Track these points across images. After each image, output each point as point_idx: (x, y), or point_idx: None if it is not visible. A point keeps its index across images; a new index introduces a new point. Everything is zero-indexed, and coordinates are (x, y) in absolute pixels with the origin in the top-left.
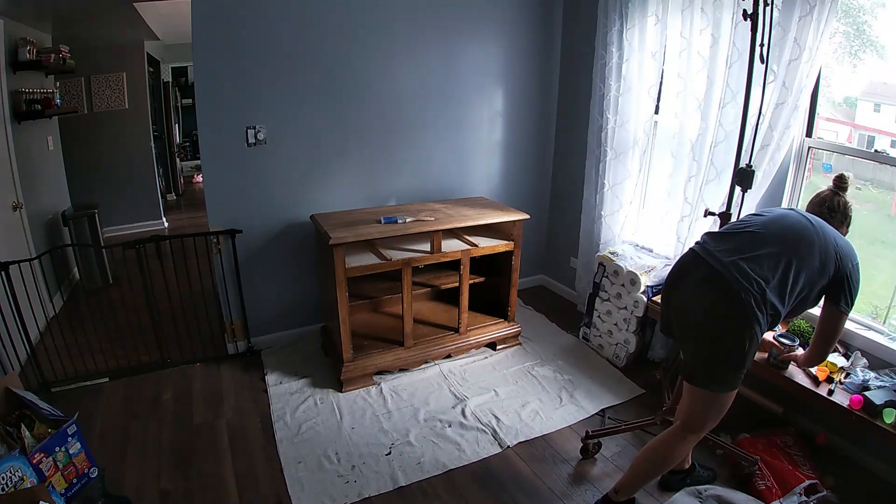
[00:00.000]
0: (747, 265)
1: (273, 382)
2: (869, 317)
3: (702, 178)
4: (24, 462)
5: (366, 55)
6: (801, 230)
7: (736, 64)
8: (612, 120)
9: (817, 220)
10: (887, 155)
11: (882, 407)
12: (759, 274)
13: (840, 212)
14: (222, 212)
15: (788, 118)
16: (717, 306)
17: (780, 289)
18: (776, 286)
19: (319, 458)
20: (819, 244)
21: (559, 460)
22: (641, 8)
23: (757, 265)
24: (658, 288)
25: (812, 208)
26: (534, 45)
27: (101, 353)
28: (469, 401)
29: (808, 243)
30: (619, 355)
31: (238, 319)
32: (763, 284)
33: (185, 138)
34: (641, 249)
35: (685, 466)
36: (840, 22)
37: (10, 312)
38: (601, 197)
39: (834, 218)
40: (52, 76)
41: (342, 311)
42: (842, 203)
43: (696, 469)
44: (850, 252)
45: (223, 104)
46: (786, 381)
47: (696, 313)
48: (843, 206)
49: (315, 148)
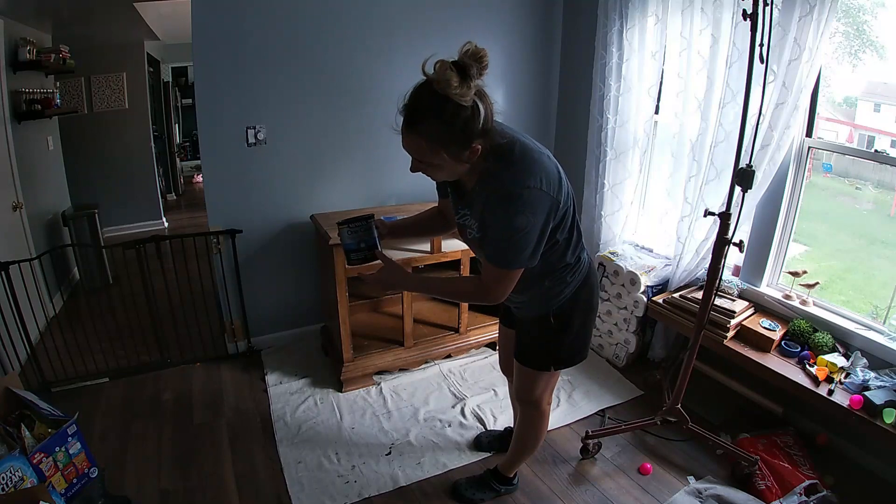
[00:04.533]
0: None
1: (273, 382)
2: (869, 317)
3: (702, 178)
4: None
5: (366, 55)
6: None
7: (736, 64)
8: (612, 120)
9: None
10: (887, 155)
11: (882, 407)
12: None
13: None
14: (222, 212)
15: (788, 118)
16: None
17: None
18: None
19: (319, 458)
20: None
21: (559, 460)
22: (641, 8)
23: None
24: (658, 288)
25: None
26: (534, 44)
27: (101, 353)
28: (469, 400)
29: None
30: (619, 355)
31: (238, 319)
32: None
33: (185, 138)
34: (641, 249)
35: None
36: (840, 22)
37: (10, 312)
38: (601, 197)
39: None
40: (52, 76)
41: (342, 311)
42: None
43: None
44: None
45: (223, 104)
46: (786, 381)
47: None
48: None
49: (315, 148)
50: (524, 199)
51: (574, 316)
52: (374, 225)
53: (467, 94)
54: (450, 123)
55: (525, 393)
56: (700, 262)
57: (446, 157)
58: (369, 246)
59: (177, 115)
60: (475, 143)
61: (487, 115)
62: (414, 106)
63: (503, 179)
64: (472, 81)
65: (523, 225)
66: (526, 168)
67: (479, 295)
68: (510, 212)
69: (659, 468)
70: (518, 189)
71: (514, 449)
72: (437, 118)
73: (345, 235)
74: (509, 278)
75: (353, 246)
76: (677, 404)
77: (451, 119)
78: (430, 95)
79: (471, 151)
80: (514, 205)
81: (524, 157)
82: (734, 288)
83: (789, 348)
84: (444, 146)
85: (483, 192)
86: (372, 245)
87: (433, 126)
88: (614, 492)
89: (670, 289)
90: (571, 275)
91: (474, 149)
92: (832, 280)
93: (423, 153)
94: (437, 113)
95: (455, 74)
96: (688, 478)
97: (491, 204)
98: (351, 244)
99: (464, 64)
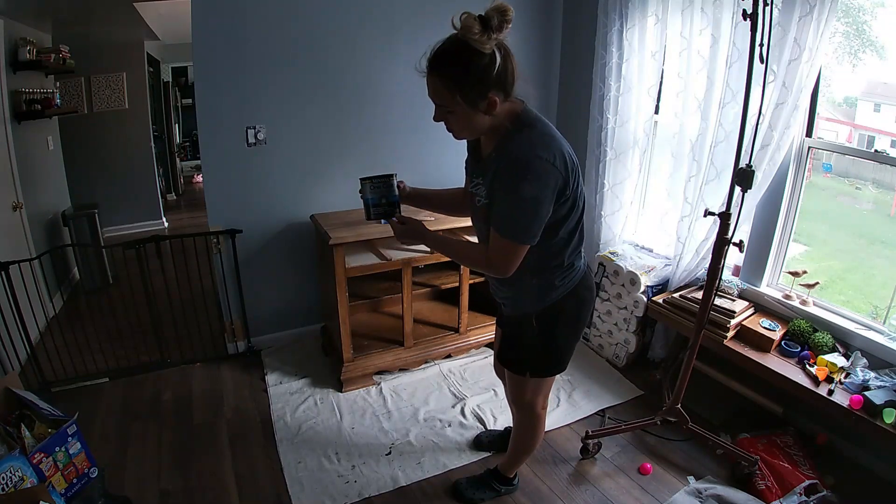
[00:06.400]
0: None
1: (273, 382)
2: (869, 317)
3: (702, 178)
4: (24, 462)
5: (366, 55)
6: None
7: (736, 64)
8: (611, 120)
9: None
10: (887, 155)
11: (882, 407)
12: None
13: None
14: (222, 212)
15: (788, 118)
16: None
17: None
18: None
19: (319, 458)
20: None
21: (559, 460)
22: (641, 8)
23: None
24: (658, 288)
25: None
26: (533, 44)
27: (101, 353)
28: (468, 400)
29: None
30: (619, 355)
31: (238, 319)
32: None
33: (185, 138)
34: (641, 249)
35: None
36: (840, 22)
37: (10, 312)
38: (601, 197)
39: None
40: (52, 76)
41: (342, 311)
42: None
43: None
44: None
45: (223, 104)
46: (786, 381)
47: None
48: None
49: (315, 148)
50: (533, 167)
51: (558, 324)
52: (395, 183)
53: (486, 43)
54: (466, 68)
55: (515, 396)
56: (700, 262)
57: (462, 102)
58: (390, 202)
59: (177, 115)
60: (491, 93)
61: (507, 69)
62: (439, 50)
63: (518, 144)
64: (492, 32)
65: (529, 194)
66: (542, 141)
67: (484, 264)
68: (517, 178)
69: (659, 468)
70: (529, 156)
71: (511, 450)
72: (456, 62)
73: (367, 190)
74: (513, 251)
75: (374, 201)
76: (677, 404)
77: (467, 63)
78: (453, 42)
79: (488, 103)
80: (522, 171)
81: (543, 133)
82: (734, 288)
83: (789, 348)
84: (459, 90)
85: (497, 159)
86: (393, 202)
87: (452, 69)
88: (614, 492)
89: (670, 289)
90: (561, 279)
91: (491, 100)
92: (832, 280)
93: (442, 96)
94: (457, 57)
95: (477, 23)
96: (688, 478)
97: (501, 169)
98: (373, 199)
99: (487, 15)
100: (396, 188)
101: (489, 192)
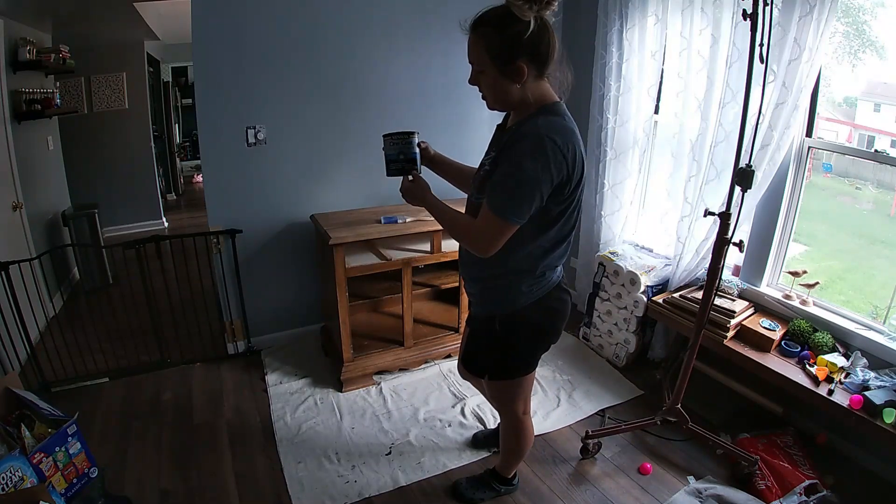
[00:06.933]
0: None
1: (273, 382)
2: (869, 317)
3: (702, 178)
4: (24, 462)
5: (366, 55)
6: None
7: (736, 64)
8: (611, 120)
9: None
10: (887, 155)
11: (882, 407)
12: None
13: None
14: (222, 212)
15: (788, 118)
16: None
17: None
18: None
19: (319, 458)
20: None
21: (559, 460)
22: (641, 8)
23: None
24: (658, 288)
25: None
26: None
27: (101, 353)
28: (468, 400)
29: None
30: (619, 355)
31: (238, 319)
32: None
33: (185, 138)
34: (641, 249)
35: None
36: (840, 22)
37: (10, 312)
38: (601, 197)
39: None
40: (52, 76)
41: (342, 311)
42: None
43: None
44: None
45: (223, 104)
46: (786, 381)
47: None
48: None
49: (315, 148)
50: (542, 146)
51: (520, 332)
52: (415, 141)
53: (527, 12)
54: (502, 31)
55: (493, 400)
56: (700, 262)
57: (491, 64)
58: (408, 159)
59: (177, 115)
60: (520, 60)
61: (541, 39)
62: (483, 11)
63: (536, 123)
64: (535, 5)
65: (531, 171)
66: (561, 129)
67: (469, 237)
68: (524, 152)
69: (659, 468)
70: (542, 135)
71: (502, 451)
72: (494, 23)
73: (387, 145)
74: (498, 228)
75: (393, 156)
76: (677, 404)
77: (503, 27)
78: (498, 7)
79: (516, 70)
80: (531, 147)
81: (565, 125)
82: (734, 288)
83: (789, 348)
84: (489, 52)
85: (514, 133)
86: (411, 158)
87: (489, 30)
88: (614, 492)
89: (670, 289)
90: (528, 285)
91: (519, 67)
92: (832, 280)
93: (477, 55)
94: (496, 20)
95: None
96: (688, 478)
97: (512, 140)
98: (392, 154)
99: None
100: (417, 147)
101: (494, 160)
